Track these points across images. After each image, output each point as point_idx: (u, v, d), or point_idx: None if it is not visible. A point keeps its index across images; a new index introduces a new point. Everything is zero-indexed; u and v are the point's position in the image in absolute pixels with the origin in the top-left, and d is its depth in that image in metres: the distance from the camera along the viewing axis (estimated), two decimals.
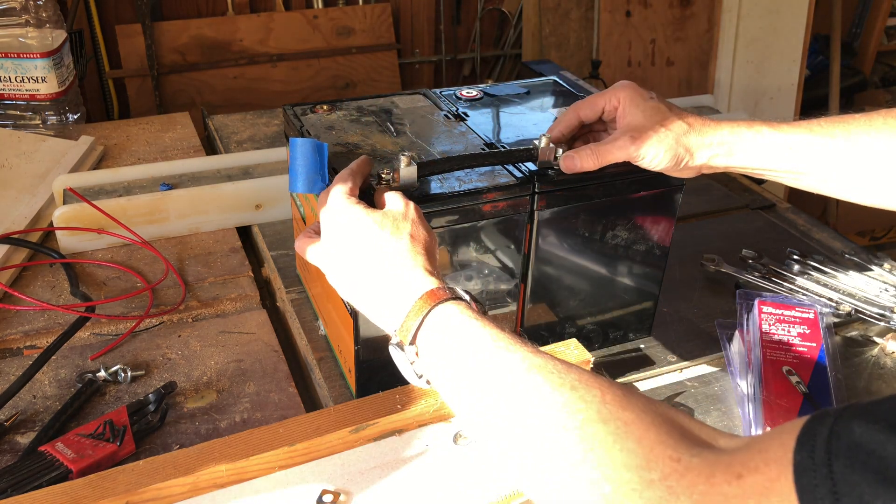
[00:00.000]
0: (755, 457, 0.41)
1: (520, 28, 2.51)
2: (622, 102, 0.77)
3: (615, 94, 0.77)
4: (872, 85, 3.15)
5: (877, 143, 0.72)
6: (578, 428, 0.47)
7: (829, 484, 0.37)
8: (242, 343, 0.95)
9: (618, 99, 0.77)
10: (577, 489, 0.46)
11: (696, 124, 0.75)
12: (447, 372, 0.57)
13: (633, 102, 0.76)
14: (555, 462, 0.47)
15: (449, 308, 0.58)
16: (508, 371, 0.53)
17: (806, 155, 0.74)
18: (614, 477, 0.44)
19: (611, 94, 0.78)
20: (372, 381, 0.82)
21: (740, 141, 0.75)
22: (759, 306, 0.93)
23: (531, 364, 0.52)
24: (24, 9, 1.41)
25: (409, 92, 0.99)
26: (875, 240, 2.85)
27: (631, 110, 0.76)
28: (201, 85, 2.21)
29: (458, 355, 0.56)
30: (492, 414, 0.52)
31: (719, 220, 1.26)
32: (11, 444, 0.79)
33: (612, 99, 0.78)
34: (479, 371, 0.54)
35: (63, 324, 0.95)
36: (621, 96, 0.77)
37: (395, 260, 0.62)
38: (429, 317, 0.58)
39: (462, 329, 0.57)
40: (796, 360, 0.86)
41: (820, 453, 0.38)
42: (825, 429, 0.39)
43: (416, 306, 0.59)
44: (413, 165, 0.73)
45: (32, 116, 1.47)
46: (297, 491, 0.68)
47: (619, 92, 0.77)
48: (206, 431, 0.81)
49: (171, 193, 1.15)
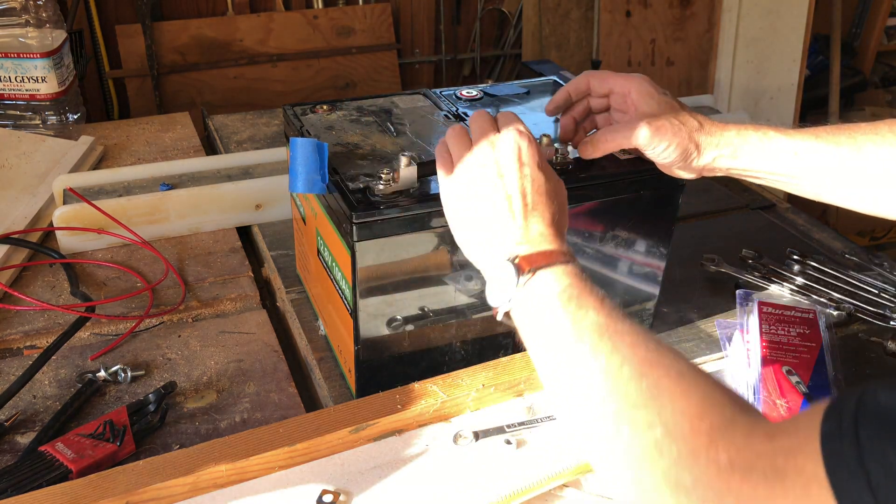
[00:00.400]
0: (788, 425, 0.45)
1: (520, 28, 2.51)
2: (636, 92, 0.77)
3: (629, 81, 0.78)
4: (872, 85, 3.15)
5: (882, 152, 0.72)
6: (645, 376, 0.51)
7: (854, 450, 0.39)
8: (242, 343, 0.95)
9: (630, 87, 0.78)
10: (634, 431, 0.50)
11: (706, 124, 0.75)
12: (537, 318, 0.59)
13: (647, 93, 0.77)
14: (616, 400, 0.52)
15: (564, 263, 0.61)
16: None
17: (811, 161, 0.74)
18: (670, 421, 0.48)
19: (624, 79, 0.79)
20: (372, 381, 0.82)
21: (746, 143, 0.75)
22: (759, 306, 0.93)
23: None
24: (24, 9, 1.40)
25: (409, 92, 0.99)
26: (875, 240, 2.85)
27: (646, 100, 0.76)
28: (201, 85, 2.21)
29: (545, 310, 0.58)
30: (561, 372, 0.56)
31: (719, 220, 1.26)
32: (11, 444, 0.79)
33: (624, 84, 0.78)
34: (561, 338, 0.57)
35: (63, 324, 0.95)
36: (634, 85, 0.78)
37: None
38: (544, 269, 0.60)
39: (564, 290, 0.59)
40: (796, 360, 0.86)
41: (847, 422, 0.41)
42: (852, 400, 0.41)
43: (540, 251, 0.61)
44: (413, 165, 0.73)
45: (32, 116, 1.47)
46: (297, 491, 0.68)
47: (634, 80, 0.78)
48: (206, 431, 0.81)
49: (171, 193, 1.15)
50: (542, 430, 0.76)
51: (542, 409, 0.78)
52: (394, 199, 0.73)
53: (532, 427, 0.76)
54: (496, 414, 0.77)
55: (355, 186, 0.75)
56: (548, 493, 0.69)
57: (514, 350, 0.88)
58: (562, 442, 0.73)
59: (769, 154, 0.75)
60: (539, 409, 0.78)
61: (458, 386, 0.77)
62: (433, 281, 0.79)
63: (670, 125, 0.74)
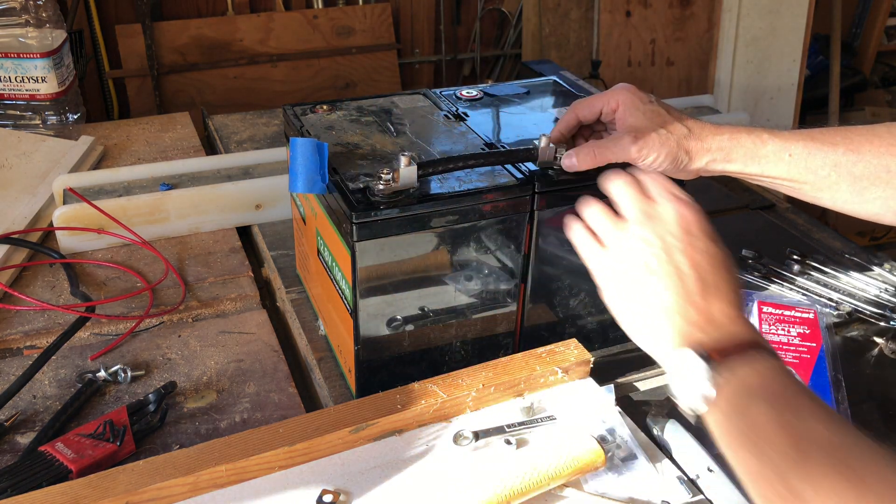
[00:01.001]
0: None
1: (520, 28, 2.52)
2: (622, 105, 0.76)
3: (614, 96, 0.77)
4: (872, 85, 3.15)
5: (880, 153, 0.72)
6: None
7: None
8: (242, 343, 0.95)
9: (617, 101, 0.77)
10: None
11: (695, 129, 0.75)
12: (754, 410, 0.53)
13: (633, 105, 0.76)
14: None
15: (760, 355, 0.56)
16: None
17: (806, 163, 0.73)
18: None
19: (609, 96, 0.78)
20: (372, 381, 0.82)
21: (738, 146, 0.74)
22: (759, 306, 0.93)
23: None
24: (24, 9, 1.40)
25: (409, 92, 0.99)
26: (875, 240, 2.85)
27: (632, 112, 0.75)
28: (201, 85, 2.21)
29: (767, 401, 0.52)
30: None
31: (719, 220, 1.26)
32: (11, 444, 0.79)
33: (610, 101, 0.77)
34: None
35: (63, 324, 0.95)
36: (620, 98, 0.76)
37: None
38: (744, 353, 0.56)
39: (773, 378, 0.54)
40: (796, 360, 0.86)
41: None
42: None
43: (730, 332, 0.57)
44: (413, 165, 0.73)
45: (32, 116, 1.47)
46: (297, 491, 0.68)
47: (619, 94, 0.77)
48: (206, 431, 0.81)
49: (171, 193, 1.15)
50: (542, 430, 0.76)
51: (542, 409, 0.78)
52: (394, 199, 0.73)
53: (532, 427, 0.76)
54: (496, 414, 0.77)
55: (355, 186, 0.75)
56: (548, 493, 0.69)
57: (514, 350, 0.88)
58: (562, 442, 0.73)
59: (763, 157, 0.74)
60: (539, 409, 0.78)
61: (458, 386, 0.77)
62: (433, 281, 0.79)
63: (657, 136, 0.73)
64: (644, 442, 0.76)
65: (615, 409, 0.78)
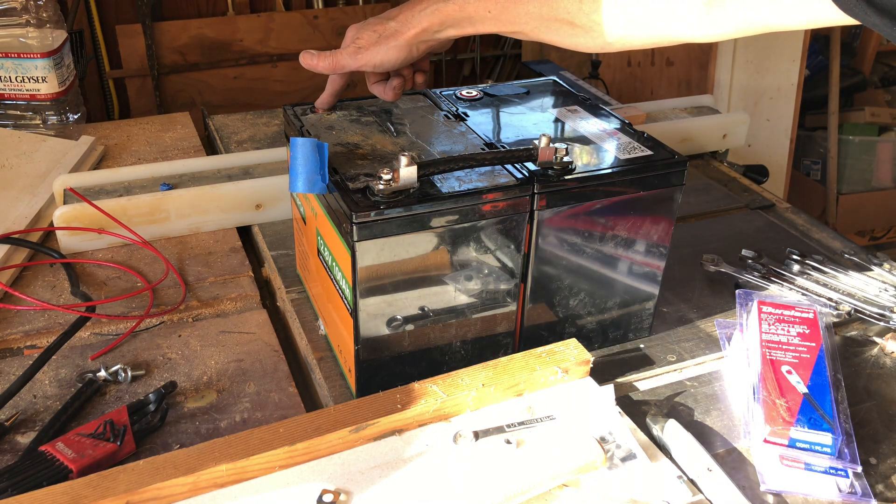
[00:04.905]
0: None
1: None
2: (362, 40, 0.88)
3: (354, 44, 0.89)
4: (872, 85, 3.15)
5: None
6: None
7: None
8: (242, 343, 0.95)
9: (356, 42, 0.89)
10: None
11: (403, 12, 0.86)
12: None
13: (366, 34, 0.88)
14: None
15: None
16: None
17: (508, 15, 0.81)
18: None
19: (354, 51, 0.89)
20: (372, 381, 0.82)
21: (446, 17, 0.83)
22: (759, 306, 0.93)
23: None
24: (24, 9, 1.40)
25: (409, 92, 0.99)
26: (875, 240, 2.85)
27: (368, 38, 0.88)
28: (201, 85, 2.22)
29: None
30: None
31: (719, 220, 1.26)
32: (11, 444, 0.79)
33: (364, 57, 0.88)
34: None
35: (63, 324, 0.95)
36: (357, 39, 0.89)
37: None
38: None
39: None
40: (796, 359, 0.86)
41: None
42: None
43: None
44: (413, 165, 0.73)
45: (33, 116, 1.47)
46: (297, 491, 0.68)
47: (352, 35, 0.90)
48: (207, 431, 0.81)
49: (172, 193, 1.15)
50: (542, 430, 0.76)
51: (542, 409, 0.78)
52: (394, 199, 0.73)
53: (532, 427, 0.76)
54: (496, 414, 0.78)
55: (355, 186, 0.75)
56: (548, 493, 0.69)
57: (514, 350, 0.88)
58: (561, 442, 0.73)
59: (467, 19, 0.83)
60: (539, 409, 0.78)
61: (458, 386, 0.77)
62: (433, 281, 0.79)
63: (376, 45, 0.85)
64: (644, 442, 0.76)
65: (615, 408, 0.78)
